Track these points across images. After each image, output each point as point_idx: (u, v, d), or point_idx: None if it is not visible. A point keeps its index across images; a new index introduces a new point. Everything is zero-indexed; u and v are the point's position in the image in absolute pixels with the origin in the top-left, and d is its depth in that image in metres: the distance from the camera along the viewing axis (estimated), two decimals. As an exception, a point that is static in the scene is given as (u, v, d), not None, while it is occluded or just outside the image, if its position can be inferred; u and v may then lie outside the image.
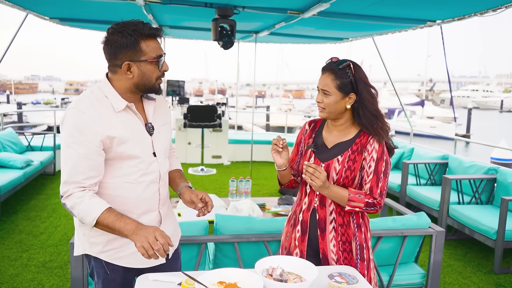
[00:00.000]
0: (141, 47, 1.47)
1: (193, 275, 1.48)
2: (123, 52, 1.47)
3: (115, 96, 1.53)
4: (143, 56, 1.48)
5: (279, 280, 1.51)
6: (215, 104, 7.55)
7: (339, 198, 1.73)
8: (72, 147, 1.46)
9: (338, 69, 1.73)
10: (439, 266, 2.71)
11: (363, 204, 1.72)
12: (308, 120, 1.98)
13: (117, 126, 1.51)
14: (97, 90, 1.54)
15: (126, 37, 1.45)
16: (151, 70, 1.51)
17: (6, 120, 21.95)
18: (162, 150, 1.66)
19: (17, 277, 3.34)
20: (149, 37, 1.48)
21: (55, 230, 4.38)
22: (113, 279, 1.66)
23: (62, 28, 6.09)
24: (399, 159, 6.00)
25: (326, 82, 1.74)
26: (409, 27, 4.81)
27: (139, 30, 1.46)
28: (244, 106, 38.08)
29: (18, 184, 5.03)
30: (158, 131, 1.65)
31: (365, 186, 1.76)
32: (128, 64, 1.48)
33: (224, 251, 2.47)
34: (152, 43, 1.49)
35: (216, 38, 4.48)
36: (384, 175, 1.75)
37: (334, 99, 1.74)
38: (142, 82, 1.52)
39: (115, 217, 1.45)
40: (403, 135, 8.49)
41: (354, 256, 1.81)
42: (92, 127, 1.45)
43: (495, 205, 4.38)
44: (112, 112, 1.51)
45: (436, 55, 39.99)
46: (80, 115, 1.45)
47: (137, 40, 1.46)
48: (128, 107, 1.54)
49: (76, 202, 1.46)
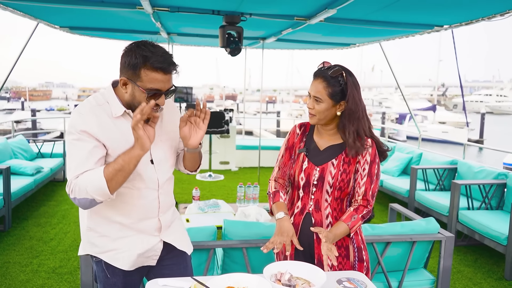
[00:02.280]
0: (140, 73, 1.46)
1: (202, 280, 1.49)
2: (126, 69, 1.48)
3: (116, 102, 1.55)
4: (139, 82, 1.47)
5: (288, 285, 1.51)
6: (223, 110, 7.58)
7: (342, 234, 1.76)
8: (73, 145, 1.50)
9: (330, 77, 1.73)
10: (448, 272, 2.69)
11: (361, 220, 1.78)
12: (298, 124, 1.97)
13: (112, 131, 1.53)
14: (100, 95, 1.58)
15: (132, 58, 1.45)
16: (141, 98, 1.49)
17: (21, 126, 22.24)
18: (163, 158, 1.66)
19: (27, 283, 3.38)
20: (153, 68, 1.45)
21: (65, 236, 4.42)
22: (113, 283, 1.68)
23: (76, 37, 6.18)
24: (408, 164, 5.97)
25: (318, 89, 1.75)
26: (416, 32, 4.81)
27: (146, 57, 1.44)
28: (255, 111, 38.12)
29: (29, 190, 5.09)
30: (160, 138, 1.65)
31: (360, 189, 1.79)
32: (125, 80, 1.50)
33: (232, 256, 2.47)
34: (153, 75, 1.46)
35: (223, 45, 4.51)
36: (377, 177, 1.80)
37: (326, 106, 1.75)
38: (132, 103, 1.53)
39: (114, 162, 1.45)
40: (414, 140, 8.44)
41: (351, 260, 1.82)
42: (89, 129, 1.49)
43: (506, 211, 4.34)
44: (110, 118, 1.54)
45: (448, 60, 39.70)
46: (80, 117, 1.50)
47: (139, 65, 1.45)
48: (126, 113, 1.56)
49: (78, 183, 1.45)
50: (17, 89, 75.31)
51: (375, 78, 74.25)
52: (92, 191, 1.44)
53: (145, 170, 1.61)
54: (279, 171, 1.96)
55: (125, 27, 5.50)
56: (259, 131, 7.53)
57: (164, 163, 1.68)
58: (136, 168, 1.52)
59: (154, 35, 5.79)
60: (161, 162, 1.66)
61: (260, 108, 8.32)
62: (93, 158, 1.49)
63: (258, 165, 6.97)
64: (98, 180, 1.43)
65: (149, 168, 1.62)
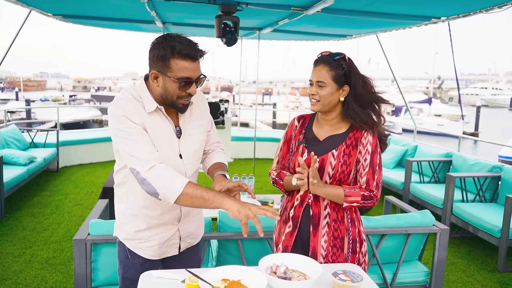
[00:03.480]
0: (170, 64, 1.50)
1: (196, 272, 1.48)
2: (155, 62, 1.52)
3: (148, 98, 1.58)
4: (169, 72, 1.51)
5: (283, 277, 1.50)
6: (218, 101, 7.54)
7: (335, 196, 1.73)
8: (124, 132, 1.51)
9: (333, 60, 1.73)
10: (443, 264, 2.70)
11: (360, 197, 1.73)
12: (296, 116, 1.96)
13: (149, 126, 1.58)
14: (133, 90, 1.61)
15: (160, 50, 1.49)
16: (173, 88, 1.53)
17: (15, 117, 22.04)
18: (191, 152, 1.70)
19: (20, 273, 3.35)
20: (182, 56, 1.49)
21: (58, 226, 4.39)
22: (132, 264, 1.75)
23: (70, 26, 6.09)
24: (403, 157, 5.98)
25: (322, 74, 1.74)
26: (413, 24, 4.78)
27: (174, 47, 1.48)
28: (251, 103, 38.00)
29: (22, 180, 5.05)
30: (189, 133, 1.69)
31: (361, 179, 1.77)
32: (156, 74, 1.54)
33: (227, 248, 2.46)
34: (182, 63, 1.50)
35: (219, 35, 4.46)
36: (379, 167, 1.78)
37: (330, 90, 1.74)
38: (165, 95, 1.56)
39: (204, 189, 1.48)
40: (410, 132, 8.47)
41: (345, 251, 1.81)
42: (131, 118, 1.53)
43: (500, 203, 4.36)
44: (144, 112, 1.58)
45: (444, 53, 39.69)
46: (120, 109, 1.54)
47: (168, 56, 1.48)
48: (158, 109, 1.60)
49: (158, 174, 1.48)
50: (11, 79, 74.48)
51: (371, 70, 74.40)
52: (160, 187, 1.47)
53: (174, 164, 1.64)
54: (278, 164, 1.96)
55: (120, 16, 5.42)
56: (255, 122, 7.50)
57: (192, 157, 1.71)
58: (168, 163, 1.58)
59: (149, 24, 5.71)
60: (189, 156, 1.69)
61: (256, 99, 8.28)
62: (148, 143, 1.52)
63: (254, 157, 6.95)
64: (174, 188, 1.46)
65: (178, 163, 1.66)
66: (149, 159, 1.49)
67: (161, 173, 1.48)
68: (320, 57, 1.78)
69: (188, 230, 1.81)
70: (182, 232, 1.78)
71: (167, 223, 1.73)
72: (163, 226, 1.73)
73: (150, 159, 1.49)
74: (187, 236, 1.81)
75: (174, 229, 1.75)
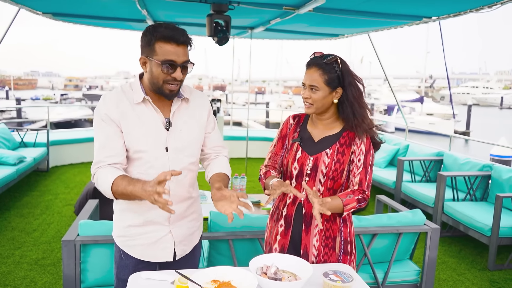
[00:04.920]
0: (155, 47, 1.53)
1: (186, 273, 1.46)
2: (143, 48, 1.57)
3: (138, 89, 1.63)
4: (154, 56, 1.54)
5: (274, 278, 1.49)
6: (210, 100, 7.51)
7: (336, 208, 1.70)
8: (97, 130, 1.61)
9: (325, 64, 1.72)
10: (434, 263, 2.71)
11: (355, 202, 1.73)
12: (292, 115, 1.95)
13: (131, 117, 1.60)
14: (128, 84, 1.67)
15: (146, 36, 1.55)
16: (158, 72, 1.55)
17: (5, 116, 21.79)
18: (179, 147, 1.67)
19: (9, 274, 3.31)
20: (165, 39, 1.52)
21: (48, 227, 4.34)
22: (126, 265, 1.74)
23: (62, 24, 6.03)
24: (394, 156, 6.00)
25: (314, 78, 1.73)
26: (404, 24, 4.80)
27: (158, 31, 1.52)
28: (244, 102, 37.93)
29: (11, 180, 4.98)
30: (180, 128, 1.67)
31: (354, 179, 1.77)
32: (144, 59, 1.58)
33: (218, 248, 2.45)
34: (167, 46, 1.52)
35: (211, 34, 4.44)
36: (371, 168, 1.80)
37: (322, 94, 1.74)
38: (151, 80, 1.59)
39: (126, 183, 1.49)
40: (402, 131, 8.53)
41: (336, 251, 1.80)
42: (110, 113, 1.59)
43: (490, 202, 4.39)
44: (131, 104, 1.61)
45: (436, 52, 39.88)
46: (103, 102, 1.61)
47: (153, 40, 1.52)
48: (146, 99, 1.62)
49: (97, 177, 1.58)
50: (2, 77, 73.67)
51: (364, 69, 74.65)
52: (102, 190, 1.56)
53: (158, 157, 1.64)
54: (270, 159, 1.96)
55: (110, 15, 5.37)
56: (247, 121, 7.49)
57: (180, 152, 1.68)
58: (150, 155, 1.63)
59: (140, 23, 5.67)
60: (176, 150, 1.67)
61: (249, 98, 8.26)
62: (112, 143, 1.59)
63: (246, 156, 6.94)
64: (107, 187, 1.53)
65: (161, 155, 1.64)
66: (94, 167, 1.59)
67: (100, 175, 1.57)
68: (312, 60, 1.76)
69: (183, 233, 1.75)
70: (175, 235, 1.73)
71: (156, 222, 1.70)
72: (152, 224, 1.70)
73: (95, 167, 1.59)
74: (180, 241, 1.75)
75: (165, 230, 1.72)
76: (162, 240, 1.72)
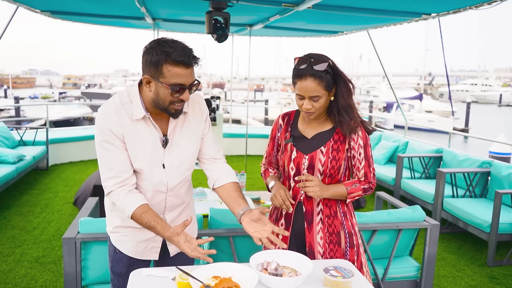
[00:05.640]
0: (162, 70, 1.46)
1: (187, 269, 1.47)
2: (148, 67, 1.50)
3: (138, 104, 1.57)
4: (162, 78, 1.48)
5: (274, 274, 1.49)
6: (209, 98, 7.50)
7: (339, 195, 1.77)
8: (101, 146, 1.57)
9: (319, 72, 1.66)
10: (433, 259, 2.71)
11: (361, 191, 1.78)
12: (281, 114, 1.94)
13: (131, 133, 1.57)
14: (126, 94, 1.61)
15: (153, 55, 1.46)
16: (165, 94, 1.50)
17: (4, 114, 21.74)
18: (176, 163, 1.66)
19: (9, 272, 3.31)
20: (175, 63, 1.46)
21: (48, 225, 4.35)
22: (120, 258, 1.75)
23: (61, 22, 6.01)
24: (394, 153, 6.01)
25: (314, 89, 1.67)
26: (404, 20, 4.79)
27: (167, 53, 1.45)
28: (243, 100, 37.87)
29: (11, 179, 4.98)
30: (177, 143, 1.65)
31: (359, 173, 1.80)
32: (148, 79, 1.51)
33: (218, 245, 2.45)
34: (176, 69, 1.46)
35: (210, 31, 4.43)
36: (372, 158, 1.83)
37: (324, 100, 1.72)
38: (156, 100, 1.53)
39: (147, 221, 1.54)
40: (401, 129, 8.54)
41: (342, 246, 1.81)
42: (113, 128, 1.55)
43: (489, 198, 4.40)
44: (131, 119, 1.57)
45: (435, 49, 39.76)
46: (103, 118, 1.56)
47: (161, 61, 1.45)
48: (147, 117, 1.58)
49: (115, 200, 1.58)
50: (0, 76, 73.50)
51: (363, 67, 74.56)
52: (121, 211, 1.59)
53: (156, 174, 1.64)
54: (266, 159, 2.02)
55: (109, 12, 5.36)
56: (246, 119, 7.49)
57: (177, 168, 1.67)
58: (148, 172, 1.62)
59: (139, 21, 5.66)
60: (173, 167, 1.66)
61: (248, 96, 8.25)
62: (119, 161, 1.57)
63: (245, 153, 6.94)
64: (126, 213, 1.56)
65: (159, 172, 1.64)
66: (108, 184, 1.58)
67: (116, 199, 1.57)
68: (303, 70, 1.67)
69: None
70: None
71: None
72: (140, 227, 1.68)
73: (110, 184, 1.58)
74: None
75: None
76: (152, 240, 1.73)
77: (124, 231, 1.71)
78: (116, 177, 1.56)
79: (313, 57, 1.69)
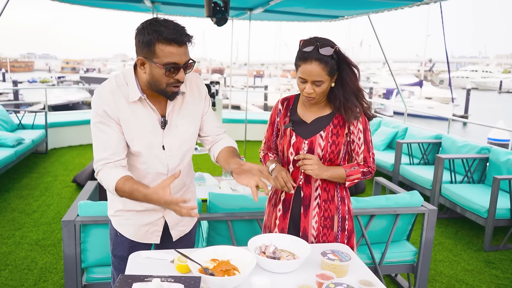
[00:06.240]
0: (155, 49, 1.44)
1: (186, 252, 1.48)
2: (141, 48, 1.47)
3: (134, 86, 1.56)
4: (155, 58, 1.45)
5: (272, 257, 1.51)
6: (209, 83, 7.47)
7: (338, 177, 1.77)
8: (96, 127, 1.56)
9: (324, 56, 1.64)
10: (430, 244, 2.74)
11: (360, 174, 1.78)
12: (280, 99, 1.92)
13: (128, 115, 1.56)
14: (122, 76, 1.58)
15: (145, 35, 1.44)
16: (160, 75, 1.48)
17: (2, 98, 21.66)
18: (175, 144, 1.65)
19: (10, 255, 3.34)
20: (167, 41, 1.43)
21: (48, 208, 4.37)
22: (121, 241, 1.75)
23: (58, 5, 5.93)
24: (393, 139, 6.01)
25: (317, 73, 1.65)
26: (405, 5, 4.74)
27: (159, 32, 1.42)
28: (242, 85, 37.68)
29: (10, 162, 4.99)
30: (176, 124, 1.64)
31: (358, 157, 1.80)
32: (142, 60, 1.49)
33: (217, 229, 2.47)
34: (168, 48, 1.44)
35: (209, 15, 4.39)
36: (371, 143, 1.83)
37: (326, 84, 1.70)
38: (152, 82, 1.52)
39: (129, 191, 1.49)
40: (401, 115, 8.54)
41: (334, 230, 1.83)
42: (109, 110, 1.53)
43: (487, 184, 4.42)
44: (127, 101, 1.55)
45: (436, 35, 39.39)
46: (99, 100, 1.54)
47: (153, 41, 1.43)
48: (143, 98, 1.56)
49: (101, 176, 1.56)
50: (-2, 60, 73.00)
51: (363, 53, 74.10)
52: (106, 188, 1.57)
53: (156, 156, 1.62)
54: (265, 144, 2.01)
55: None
56: (246, 104, 7.46)
57: (177, 149, 1.67)
58: (147, 154, 1.61)
59: (138, 4, 5.60)
60: (172, 148, 1.65)
61: (247, 81, 8.20)
62: (114, 141, 1.55)
63: (245, 139, 6.94)
64: (110, 187, 1.52)
65: (159, 154, 1.63)
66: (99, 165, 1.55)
67: (102, 175, 1.55)
68: (309, 54, 1.65)
69: (177, 217, 1.76)
70: (169, 220, 1.74)
71: (150, 208, 1.69)
72: (146, 209, 1.69)
73: (100, 164, 1.55)
74: (177, 223, 1.77)
75: (157, 215, 1.72)
76: (153, 224, 1.73)
77: (126, 215, 1.71)
78: (108, 158, 1.54)
79: (320, 41, 1.66)
